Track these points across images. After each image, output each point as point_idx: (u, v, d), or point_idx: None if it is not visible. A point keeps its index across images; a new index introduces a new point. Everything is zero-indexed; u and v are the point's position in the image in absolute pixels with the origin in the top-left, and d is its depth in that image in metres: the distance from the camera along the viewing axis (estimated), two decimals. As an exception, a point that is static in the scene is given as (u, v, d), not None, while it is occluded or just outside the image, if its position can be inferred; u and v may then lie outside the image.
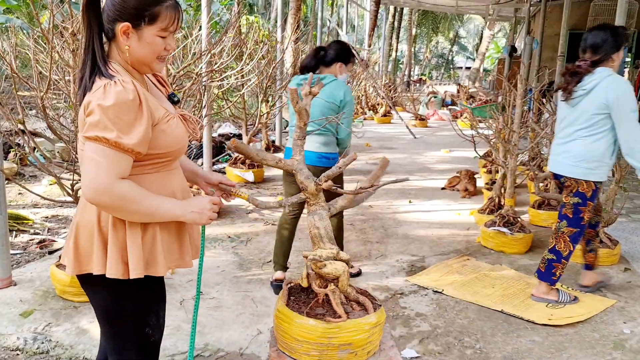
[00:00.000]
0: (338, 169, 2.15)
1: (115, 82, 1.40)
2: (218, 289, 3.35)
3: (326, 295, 2.17)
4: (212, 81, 4.69)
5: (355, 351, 2.11)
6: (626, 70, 10.11)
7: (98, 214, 1.49)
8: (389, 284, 3.54)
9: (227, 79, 4.74)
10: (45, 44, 2.85)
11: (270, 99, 7.22)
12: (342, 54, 3.46)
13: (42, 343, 2.66)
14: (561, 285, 3.51)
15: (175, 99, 1.67)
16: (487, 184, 5.95)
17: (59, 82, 2.97)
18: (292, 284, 2.32)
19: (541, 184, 5.12)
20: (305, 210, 2.78)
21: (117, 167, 1.40)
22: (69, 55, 3.06)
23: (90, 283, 1.54)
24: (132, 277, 1.47)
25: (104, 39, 1.50)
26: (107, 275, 1.47)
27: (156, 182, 1.54)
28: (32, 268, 3.57)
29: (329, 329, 2.07)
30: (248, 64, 4.97)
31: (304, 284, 2.24)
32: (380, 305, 2.25)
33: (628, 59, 10.85)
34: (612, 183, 3.89)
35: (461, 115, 13.62)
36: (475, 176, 6.36)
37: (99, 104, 1.38)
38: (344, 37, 13.69)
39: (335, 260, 2.18)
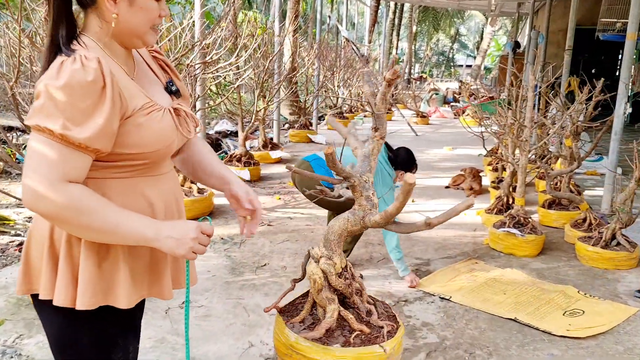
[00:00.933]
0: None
1: (74, 58, 1.10)
2: (207, 296, 3.10)
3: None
4: (205, 73, 4.44)
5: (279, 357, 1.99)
6: (633, 66, 9.86)
7: (52, 224, 1.20)
8: (392, 289, 3.29)
9: (220, 70, 4.49)
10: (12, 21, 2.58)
11: (267, 94, 6.97)
12: (409, 163, 3.56)
13: (12, 357, 2.42)
14: (584, 294, 3.26)
15: (173, 88, 1.34)
16: (493, 182, 5.70)
17: (27, 68, 2.71)
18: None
19: (551, 183, 4.86)
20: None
21: (63, 167, 1.09)
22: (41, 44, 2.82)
23: (41, 305, 1.25)
24: (78, 307, 1.18)
25: (79, 8, 1.20)
26: (54, 303, 1.19)
27: (126, 191, 1.23)
28: (8, 273, 3.32)
29: (277, 320, 2.05)
30: (241, 56, 4.72)
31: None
32: (345, 342, 1.90)
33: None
34: (631, 181, 3.64)
35: (463, 113, 13.37)
36: (480, 174, 6.11)
37: (46, 84, 1.08)
38: (344, 33, 13.44)
39: (316, 263, 1.97)
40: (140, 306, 1.41)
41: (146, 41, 1.24)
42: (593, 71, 13.07)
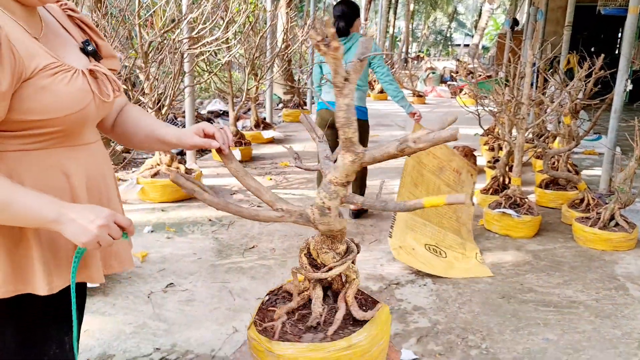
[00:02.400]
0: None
1: None
2: (192, 280, 2.99)
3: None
4: (191, 49, 4.27)
5: None
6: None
7: None
8: (384, 272, 3.19)
9: (208, 46, 4.32)
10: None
11: (259, 72, 6.79)
12: (356, 10, 3.74)
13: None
14: (477, 258, 3.38)
15: (90, 48, 1.21)
16: (489, 162, 5.58)
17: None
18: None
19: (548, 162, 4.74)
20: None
21: None
22: None
23: None
24: None
25: None
26: None
27: (41, 164, 1.10)
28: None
29: None
30: (229, 30, 4.55)
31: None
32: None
33: None
34: (631, 160, 3.52)
35: (460, 92, 13.19)
36: (474, 153, 5.97)
37: None
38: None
39: None
40: (80, 294, 1.30)
41: None
42: (592, 49, 12.89)
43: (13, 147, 1.08)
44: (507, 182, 4.49)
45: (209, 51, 4.61)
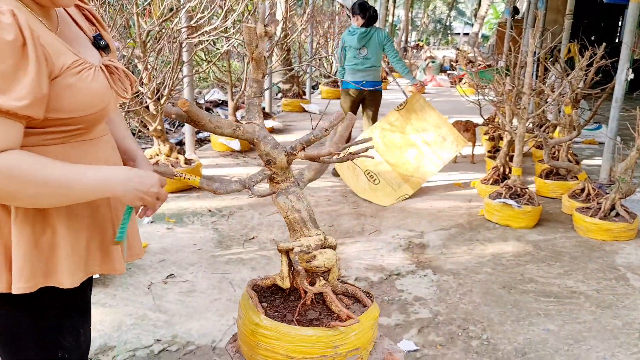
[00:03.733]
0: (315, 137, 1.72)
1: None
2: (192, 271, 2.98)
3: (316, 294, 1.77)
4: (189, 38, 4.23)
5: (361, 355, 1.71)
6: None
7: None
8: (384, 263, 3.19)
9: (207, 35, 4.29)
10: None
11: (258, 61, 6.73)
12: (376, 11, 5.04)
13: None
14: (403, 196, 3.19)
15: (102, 42, 1.20)
16: (489, 152, 5.56)
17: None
18: (258, 285, 1.83)
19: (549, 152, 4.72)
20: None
21: None
22: None
23: None
24: (14, 291, 1.06)
25: None
26: None
27: (60, 158, 1.09)
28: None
29: (335, 336, 1.63)
30: (228, 19, 4.51)
31: (285, 285, 1.77)
32: (370, 294, 1.85)
33: None
34: (631, 149, 3.51)
35: (460, 81, 13.13)
36: (477, 129, 5.85)
37: None
38: (338, -1, 13.07)
39: (324, 247, 1.80)
40: (88, 283, 1.30)
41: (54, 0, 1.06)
42: (593, 38, 12.81)
43: (34, 143, 1.06)
44: (507, 172, 4.48)
45: (207, 40, 4.57)
